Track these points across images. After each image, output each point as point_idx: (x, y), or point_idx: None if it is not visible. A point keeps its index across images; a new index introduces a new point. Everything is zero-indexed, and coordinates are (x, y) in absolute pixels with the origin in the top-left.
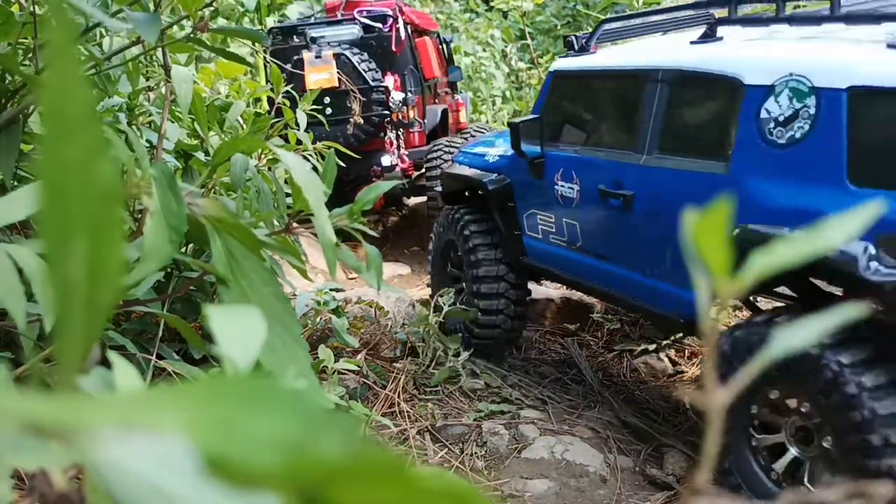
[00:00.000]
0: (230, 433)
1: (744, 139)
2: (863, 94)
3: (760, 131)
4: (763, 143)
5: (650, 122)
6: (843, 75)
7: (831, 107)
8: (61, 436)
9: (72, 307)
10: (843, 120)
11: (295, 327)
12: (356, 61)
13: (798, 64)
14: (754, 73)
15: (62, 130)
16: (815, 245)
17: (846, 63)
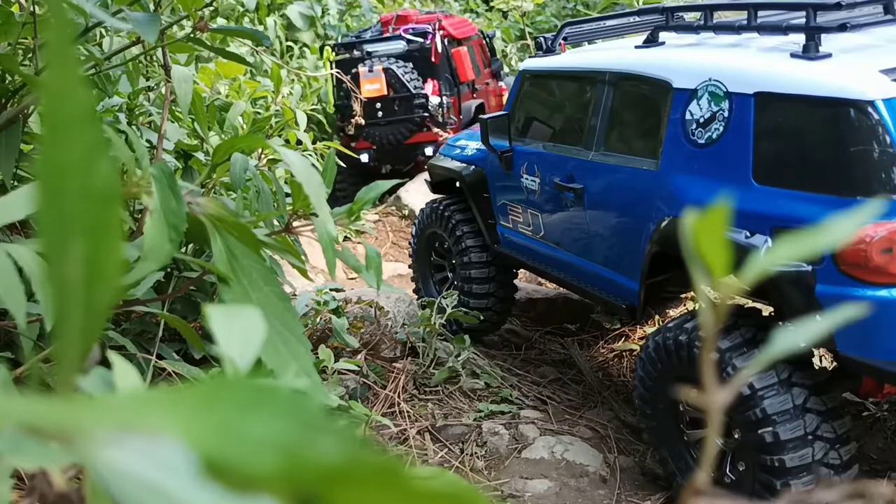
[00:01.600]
0: (228, 436)
1: (671, 138)
2: (767, 100)
3: (685, 131)
4: (686, 143)
5: (597, 121)
6: (752, 82)
7: (741, 110)
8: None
9: (71, 307)
10: (750, 123)
11: (296, 326)
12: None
13: (716, 70)
14: (682, 77)
15: (61, 131)
16: (815, 245)
17: (755, 70)
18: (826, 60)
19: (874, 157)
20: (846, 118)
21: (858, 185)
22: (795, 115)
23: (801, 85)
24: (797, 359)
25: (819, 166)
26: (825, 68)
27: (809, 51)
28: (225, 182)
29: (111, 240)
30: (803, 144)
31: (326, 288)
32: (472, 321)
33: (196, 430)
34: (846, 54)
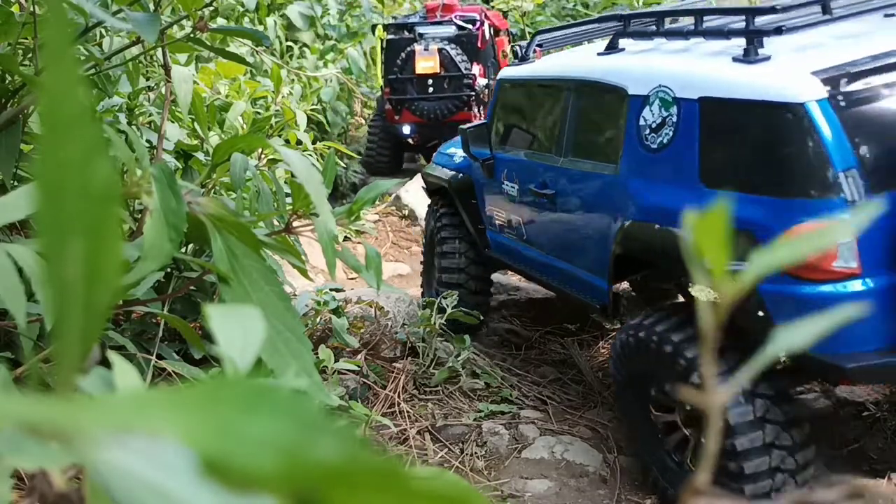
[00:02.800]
0: (228, 436)
1: (628, 144)
2: (710, 104)
3: (639, 137)
4: (641, 148)
5: (565, 128)
6: (696, 87)
7: (687, 115)
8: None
9: (70, 307)
10: (696, 127)
11: (297, 325)
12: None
13: (665, 76)
14: (635, 83)
15: (60, 131)
16: (814, 245)
17: (699, 76)
18: (764, 64)
19: (807, 159)
20: (779, 121)
21: (793, 186)
22: (735, 119)
23: (739, 89)
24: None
25: (758, 168)
26: (762, 72)
27: (749, 55)
28: (225, 182)
29: (111, 240)
30: (743, 147)
31: (326, 288)
32: (472, 321)
33: (196, 430)
34: (784, 56)
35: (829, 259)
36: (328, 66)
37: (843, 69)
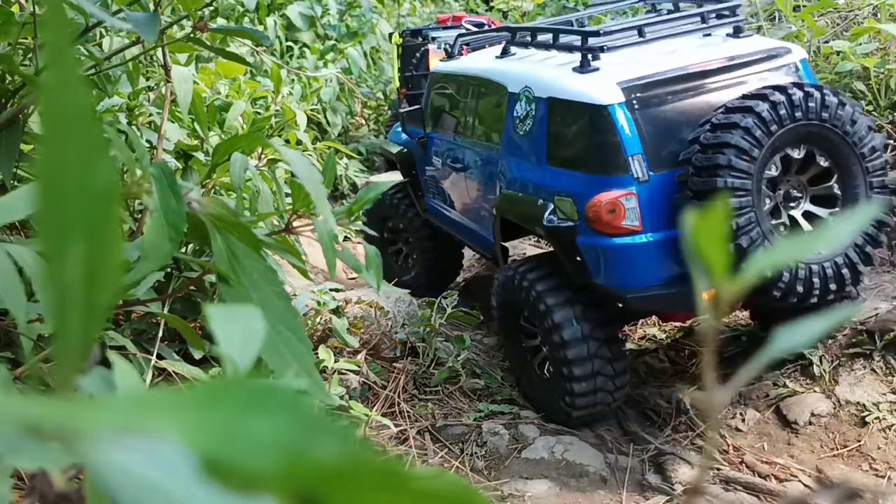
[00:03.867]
0: (228, 436)
1: (506, 130)
2: (554, 103)
3: (513, 125)
4: (514, 133)
5: (470, 114)
6: (547, 89)
7: (541, 111)
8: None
9: (70, 308)
10: (545, 120)
11: (297, 325)
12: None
13: (530, 79)
14: (513, 83)
15: (60, 131)
16: (813, 245)
17: (549, 80)
18: (591, 74)
19: (608, 146)
20: (592, 118)
21: (599, 165)
22: (568, 115)
23: (572, 93)
24: (590, 301)
25: (579, 152)
26: (588, 80)
27: (584, 66)
28: (225, 182)
29: (111, 240)
30: (571, 137)
31: (326, 288)
32: (472, 321)
33: (196, 430)
34: (606, 69)
35: (620, 219)
36: (328, 66)
37: (639, 81)
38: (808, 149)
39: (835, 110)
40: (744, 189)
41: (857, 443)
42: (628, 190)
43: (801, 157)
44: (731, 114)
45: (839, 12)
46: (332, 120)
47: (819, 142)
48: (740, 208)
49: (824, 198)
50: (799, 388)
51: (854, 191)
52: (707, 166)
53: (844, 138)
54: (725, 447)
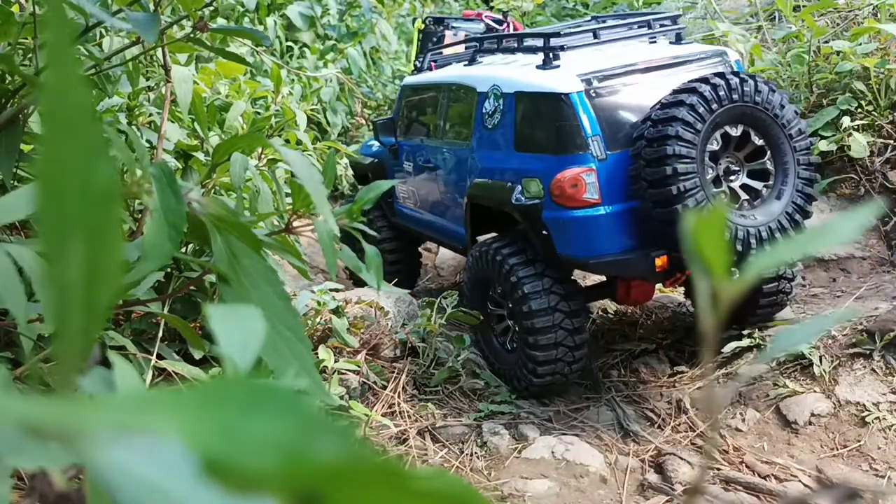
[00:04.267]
0: (228, 436)
1: (476, 125)
2: (520, 97)
3: (482, 120)
4: (483, 128)
5: (441, 118)
6: (513, 85)
7: (508, 105)
8: (61, 437)
9: (70, 308)
10: (512, 112)
11: (297, 325)
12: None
13: (497, 79)
14: (481, 84)
15: (61, 132)
16: (814, 245)
17: (515, 77)
18: (553, 70)
19: (570, 129)
20: (554, 105)
21: (562, 146)
22: (533, 106)
23: (535, 86)
24: (557, 276)
25: (544, 137)
26: (551, 75)
27: (546, 64)
28: (225, 182)
29: (111, 240)
30: (536, 124)
31: (326, 288)
32: (472, 321)
33: (196, 430)
34: (566, 65)
35: (582, 193)
36: (328, 66)
37: (596, 73)
38: (745, 128)
39: (766, 95)
40: (689, 157)
41: (857, 443)
42: (588, 167)
43: (739, 134)
44: (678, 94)
45: (839, 12)
46: (332, 120)
47: (753, 122)
48: (686, 173)
49: (759, 172)
50: (799, 388)
51: (784, 166)
52: (657, 137)
53: (775, 120)
54: (725, 447)
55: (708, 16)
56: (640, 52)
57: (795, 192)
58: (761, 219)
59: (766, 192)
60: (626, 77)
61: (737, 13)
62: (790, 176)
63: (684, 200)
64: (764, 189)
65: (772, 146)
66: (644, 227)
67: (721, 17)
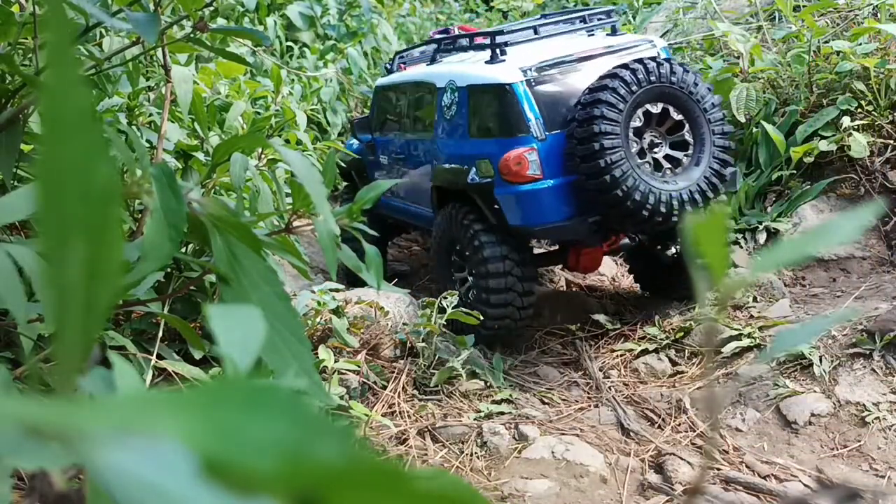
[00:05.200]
0: (228, 436)
1: (437, 118)
2: (472, 89)
3: (442, 112)
4: (443, 119)
5: (409, 113)
6: (466, 79)
7: (462, 97)
8: (61, 437)
9: (70, 308)
10: (466, 103)
11: (297, 326)
12: None
13: (453, 75)
14: (440, 80)
15: (61, 132)
16: (814, 245)
17: (467, 73)
18: (499, 64)
19: (514, 114)
20: (500, 94)
21: (507, 130)
22: (482, 96)
23: (483, 78)
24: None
25: (492, 122)
26: (497, 68)
27: (493, 59)
28: (225, 182)
29: (111, 240)
30: (486, 112)
31: (326, 288)
32: (472, 321)
33: (196, 430)
34: (510, 59)
35: (525, 169)
36: (328, 66)
37: (535, 65)
38: (664, 106)
39: (681, 76)
40: (614, 133)
41: (857, 443)
42: (530, 146)
43: (659, 111)
44: (603, 80)
45: (839, 12)
46: (332, 120)
47: (671, 100)
48: (612, 148)
49: (680, 143)
50: (799, 388)
51: (701, 137)
52: (586, 118)
53: (690, 97)
54: (725, 447)
55: (708, 16)
56: (577, 44)
57: (712, 158)
58: (682, 184)
59: (686, 161)
60: (562, 66)
61: (737, 13)
62: (706, 145)
63: (611, 171)
64: (684, 158)
65: (689, 120)
66: (581, 197)
67: (721, 17)
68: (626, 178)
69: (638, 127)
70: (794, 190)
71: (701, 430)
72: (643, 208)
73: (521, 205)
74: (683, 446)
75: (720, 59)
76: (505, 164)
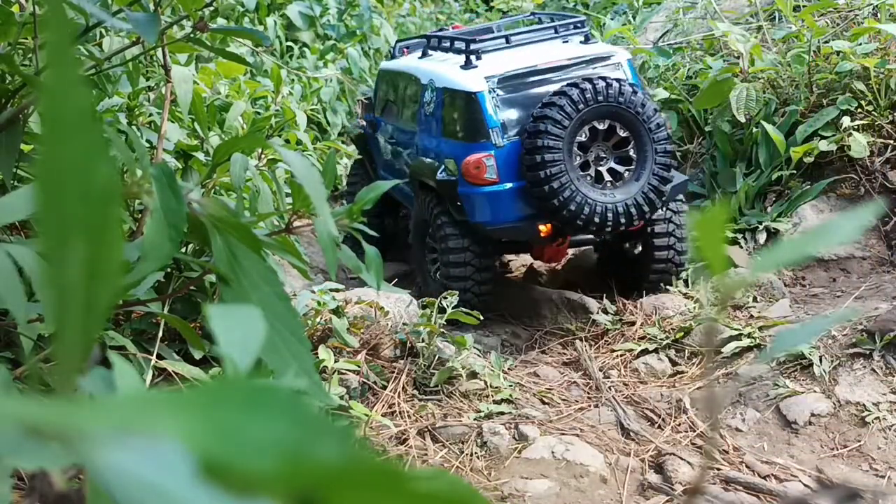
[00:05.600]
0: (228, 436)
1: (419, 113)
2: (446, 91)
3: (423, 108)
4: (424, 115)
5: (400, 101)
6: (442, 81)
7: (439, 98)
8: (61, 437)
9: (70, 308)
10: (440, 104)
11: (297, 326)
12: None
13: (433, 74)
14: (423, 77)
15: (61, 132)
16: (814, 245)
17: (444, 74)
18: (471, 70)
19: (476, 121)
20: (467, 100)
21: (470, 135)
22: (453, 100)
23: (455, 83)
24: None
25: (458, 126)
26: (467, 74)
27: (467, 65)
28: (225, 182)
29: (111, 240)
30: (455, 115)
31: (326, 288)
32: (472, 321)
33: (196, 430)
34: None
35: (483, 173)
36: (328, 66)
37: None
38: (611, 123)
39: (629, 96)
40: (556, 148)
41: (857, 443)
42: (489, 152)
43: (605, 128)
44: (553, 96)
45: (839, 12)
46: (332, 120)
47: (618, 118)
48: (552, 161)
49: (624, 159)
50: (799, 388)
51: (644, 154)
52: (534, 132)
53: (636, 116)
54: (725, 447)
55: (708, 16)
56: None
57: (652, 174)
58: (620, 197)
59: (627, 175)
60: (527, 77)
61: (737, 13)
62: (648, 162)
63: (550, 182)
64: (626, 172)
65: (635, 137)
66: (532, 201)
67: (721, 17)
68: (564, 189)
69: (583, 141)
70: (794, 190)
71: (701, 430)
72: (578, 217)
73: (479, 204)
74: (683, 446)
75: (720, 59)
76: (466, 166)
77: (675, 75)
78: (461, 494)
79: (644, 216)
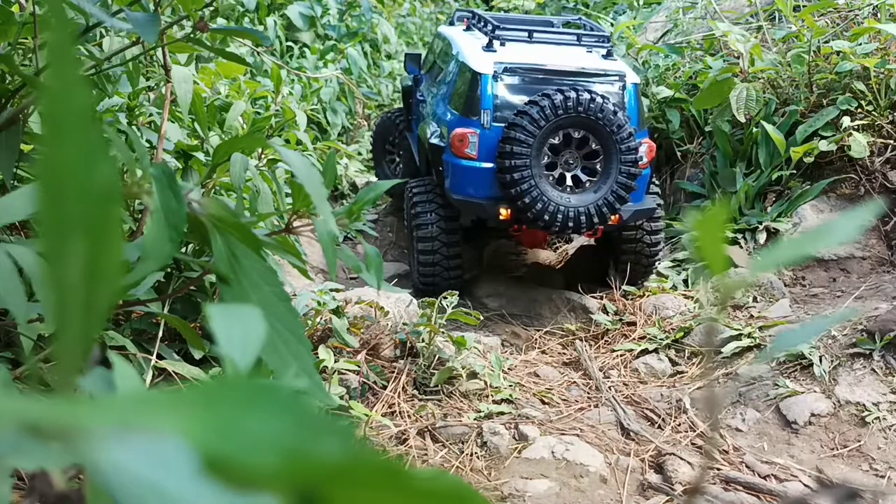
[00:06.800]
0: (228, 435)
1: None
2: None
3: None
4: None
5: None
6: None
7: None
8: (61, 437)
9: (70, 308)
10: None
11: (297, 326)
12: None
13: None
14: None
15: (61, 132)
16: (814, 245)
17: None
18: (488, 53)
19: (472, 98)
20: (472, 78)
21: (467, 110)
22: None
23: (470, 60)
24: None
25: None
26: (482, 55)
27: (488, 47)
28: (225, 182)
29: (111, 240)
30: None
31: (326, 288)
32: (473, 322)
33: (196, 429)
34: (498, 53)
35: (465, 148)
36: (328, 66)
37: (506, 64)
38: (585, 133)
39: (609, 115)
40: (526, 143)
41: (857, 443)
42: (474, 130)
43: (579, 137)
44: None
45: (839, 12)
46: (332, 120)
47: (594, 132)
48: (520, 154)
49: (591, 170)
50: (799, 388)
51: (608, 169)
52: (512, 124)
53: (611, 134)
54: (725, 447)
55: (708, 16)
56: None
57: (611, 191)
58: (574, 202)
59: (588, 185)
60: (532, 73)
61: (737, 13)
62: (610, 179)
63: (513, 172)
64: (588, 182)
65: (604, 153)
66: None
67: (721, 17)
68: (524, 181)
69: (556, 145)
70: (794, 190)
71: (701, 430)
72: (530, 210)
73: (455, 175)
74: (683, 446)
75: (720, 59)
76: (453, 138)
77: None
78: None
79: (592, 227)
